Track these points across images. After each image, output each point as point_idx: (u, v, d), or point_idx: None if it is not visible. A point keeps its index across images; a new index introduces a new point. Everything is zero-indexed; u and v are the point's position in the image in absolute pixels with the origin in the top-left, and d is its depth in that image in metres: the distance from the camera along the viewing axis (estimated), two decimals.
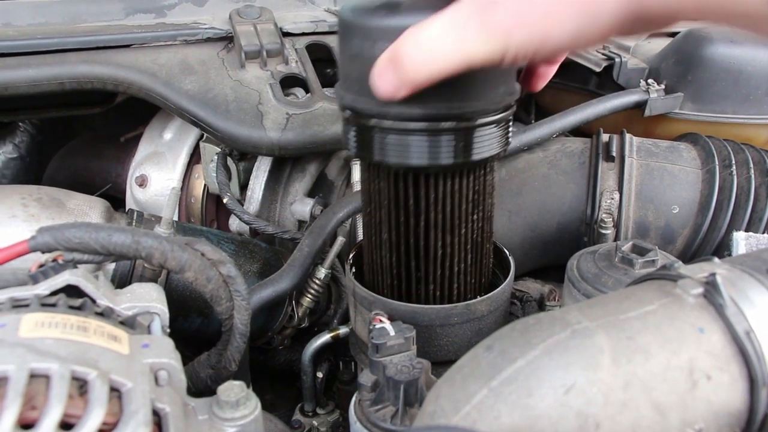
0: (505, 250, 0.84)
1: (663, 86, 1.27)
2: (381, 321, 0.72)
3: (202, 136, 1.18)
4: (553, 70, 0.71)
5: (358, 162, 1.09)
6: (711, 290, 0.56)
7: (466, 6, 0.54)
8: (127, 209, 1.01)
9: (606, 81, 1.36)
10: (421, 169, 0.67)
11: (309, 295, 1.05)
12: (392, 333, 0.69)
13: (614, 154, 1.12)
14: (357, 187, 1.07)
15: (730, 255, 0.98)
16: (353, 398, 0.70)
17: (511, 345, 0.54)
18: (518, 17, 0.52)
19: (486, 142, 0.67)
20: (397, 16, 0.62)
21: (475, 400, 0.51)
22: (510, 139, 0.72)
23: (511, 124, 0.71)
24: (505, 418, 0.50)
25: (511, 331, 0.56)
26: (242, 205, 1.12)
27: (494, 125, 0.67)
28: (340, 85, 0.69)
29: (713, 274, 0.57)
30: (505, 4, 0.52)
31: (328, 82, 1.16)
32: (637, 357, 0.52)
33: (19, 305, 0.58)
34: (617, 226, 1.08)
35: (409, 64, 0.57)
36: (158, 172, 1.22)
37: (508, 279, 0.80)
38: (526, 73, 0.72)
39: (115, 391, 0.51)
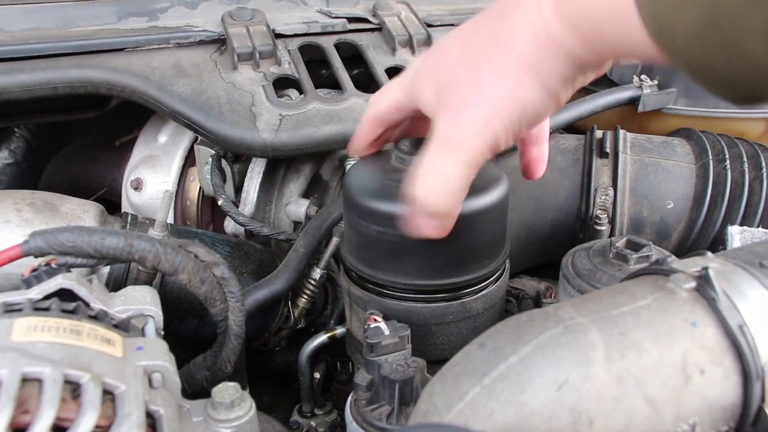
0: None
1: (656, 82, 1.27)
2: (376, 320, 0.72)
3: (196, 138, 1.18)
4: (544, 149, 0.75)
5: (352, 162, 1.09)
6: (704, 284, 0.56)
7: (441, 131, 0.61)
8: (122, 213, 1.01)
9: (599, 77, 1.36)
10: None
11: (305, 296, 1.05)
12: (387, 332, 0.69)
13: (608, 150, 1.12)
14: None
15: (725, 249, 0.98)
16: (349, 398, 0.70)
17: (504, 342, 0.54)
18: (488, 108, 0.58)
19: None
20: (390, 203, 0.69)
21: (468, 397, 0.51)
22: None
23: None
24: (498, 415, 0.50)
25: (504, 327, 0.56)
26: (237, 207, 1.12)
27: None
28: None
29: (706, 268, 0.57)
30: (470, 111, 0.59)
31: (321, 83, 1.16)
32: (630, 352, 0.52)
33: (11, 309, 0.58)
34: (612, 222, 1.08)
35: (436, 203, 0.63)
36: (153, 175, 1.22)
37: (503, 276, 0.80)
38: (525, 163, 0.75)
39: (109, 394, 0.51)
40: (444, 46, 0.64)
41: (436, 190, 0.62)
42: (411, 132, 0.76)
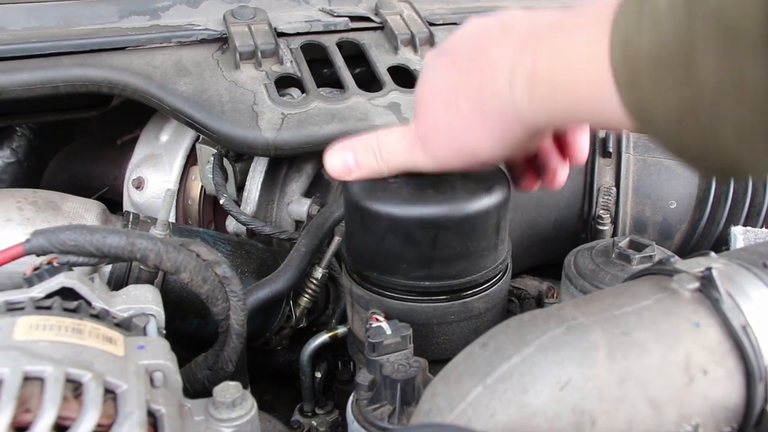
0: None
1: None
2: (377, 320, 0.72)
3: (198, 137, 1.18)
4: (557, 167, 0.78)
5: None
6: (707, 284, 0.56)
7: (414, 131, 0.69)
8: (123, 211, 1.01)
9: None
10: None
11: (306, 295, 1.04)
12: (389, 332, 0.69)
13: (611, 149, 1.12)
14: None
15: (728, 250, 0.98)
16: (350, 397, 0.70)
17: (507, 342, 0.54)
18: (448, 143, 0.67)
19: None
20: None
21: (470, 397, 0.51)
22: None
23: None
24: (500, 415, 0.50)
25: (507, 327, 0.56)
26: (239, 206, 1.12)
27: None
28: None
29: (709, 269, 0.57)
30: (437, 137, 0.67)
31: (323, 81, 1.16)
32: (632, 352, 0.52)
33: (13, 308, 0.58)
34: (615, 222, 1.07)
35: (370, 153, 0.72)
36: (155, 174, 1.22)
37: (505, 276, 0.80)
38: (514, 177, 0.79)
39: (110, 393, 0.51)
40: (430, 101, 0.69)
41: (385, 155, 0.71)
42: None
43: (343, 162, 0.73)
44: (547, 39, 0.56)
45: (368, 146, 0.72)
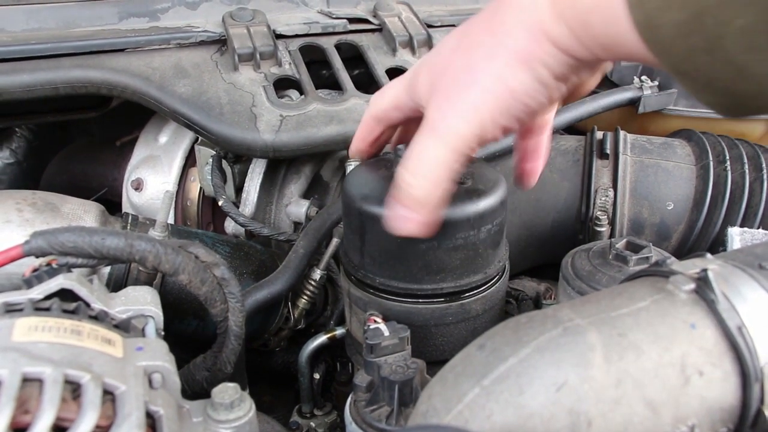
0: None
1: (656, 83, 1.27)
2: (375, 321, 0.72)
3: (197, 139, 1.18)
4: (537, 166, 0.76)
5: (353, 163, 1.09)
6: (703, 286, 0.56)
7: (428, 129, 0.62)
8: (122, 213, 1.01)
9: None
10: None
11: (305, 297, 1.05)
12: (387, 333, 0.69)
13: (608, 151, 1.12)
14: None
15: (725, 251, 0.98)
16: (349, 399, 0.70)
17: (503, 343, 0.54)
18: (477, 93, 0.58)
19: None
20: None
21: (467, 399, 0.51)
22: None
23: None
24: (497, 416, 0.50)
25: (504, 329, 0.56)
26: (237, 208, 1.13)
27: None
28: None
29: (705, 270, 0.57)
30: (459, 95, 0.59)
31: (321, 83, 1.16)
32: (628, 354, 0.52)
33: (12, 309, 0.58)
34: (612, 223, 1.08)
35: (406, 189, 0.63)
36: (154, 175, 1.22)
37: (503, 277, 0.80)
38: (517, 174, 0.77)
39: (109, 395, 0.51)
40: (442, 42, 0.65)
41: (419, 174, 0.62)
42: (410, 137, 0.76)
43: (397, 220, 0.65)
44: None
45: (400, 187, 0.64)
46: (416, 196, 0.62)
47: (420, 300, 0.75)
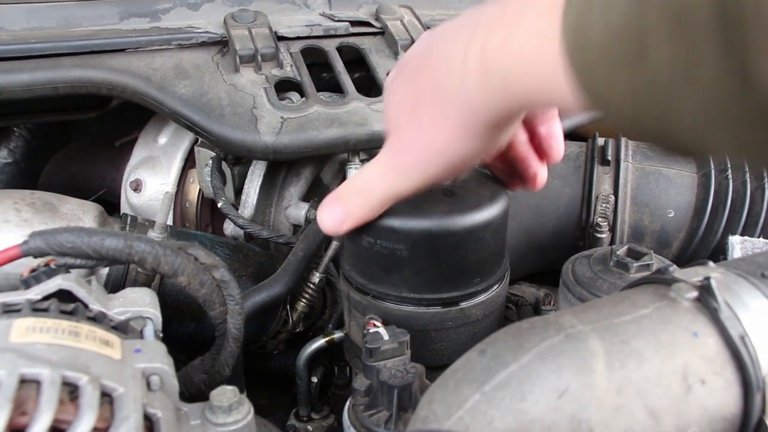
0: None
1: None
2: (375, 325, 0.72)
3: (196, 140, 1.18)
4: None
5: (353, 166, 1.09)
6: (705, 294, 0.56)
7: (386, 156, 0.67)
8: (121, 214, 1.00)
9: None
10: None
11: (304, 300, 1.04)
12: (386, 337, 0.69)
13: (610, 157, 1.12)
14: None
15: (725, 259, 0.98)
16: (347, 403, 0.70)
17: (505, 349, 0.53)
18: (418, 155, 0.64)
19: None
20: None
21: (468, 404, 0.51)
22: None
23: None
24: (498, 422, 0.49)
25: (505, 334, 0.56)
26: (237, 210, 1.12)
27: None
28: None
29: (708, 278, 0.57)
30: (408, 153, 0.64)
31: (323, 86, 1.16)
32: (630, 361, 0.52)
33: (10, 310, 0.58)
34: (612, 230, 1.08)
35: (354, 196, 0.69)
36: (153, 176, 1.22)
37: (503, 283, 0.79)
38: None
39: (107, 396, 0.51)
40: (396, 78, 0.68)
41: (354, 191, 0.69)
42: None
43: (331, 216, 0.70)
44: (496, 25, 0.54)
45: (351, 190, 0.69)
46: (357, 211, 0.69)
47: (420, 305, 0.74)
